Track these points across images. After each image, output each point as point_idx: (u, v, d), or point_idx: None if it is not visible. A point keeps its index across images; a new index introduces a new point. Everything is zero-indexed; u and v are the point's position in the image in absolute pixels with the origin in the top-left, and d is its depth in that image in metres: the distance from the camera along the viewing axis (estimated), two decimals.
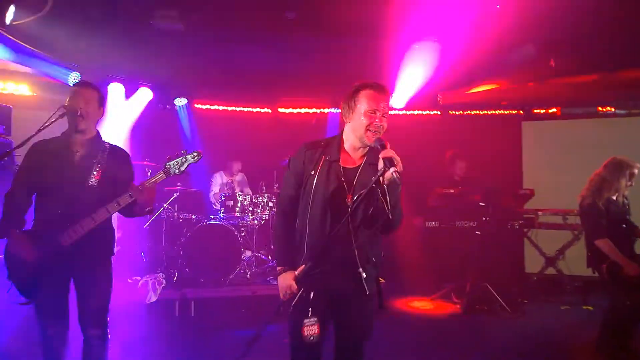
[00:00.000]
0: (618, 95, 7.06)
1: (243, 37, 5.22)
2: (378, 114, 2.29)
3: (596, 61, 5.93)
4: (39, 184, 2.72)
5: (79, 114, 2.72)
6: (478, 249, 5.94)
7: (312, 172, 2.34)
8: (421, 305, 5.91)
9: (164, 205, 6.03)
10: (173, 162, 2.76)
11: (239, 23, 4.97)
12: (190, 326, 5.00)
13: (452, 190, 6.07)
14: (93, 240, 2.71)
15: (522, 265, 7.08)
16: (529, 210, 6.50)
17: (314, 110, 7.56)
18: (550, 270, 6.50)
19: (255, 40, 4.99)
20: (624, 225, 4.12)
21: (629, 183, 4.12)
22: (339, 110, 7.50)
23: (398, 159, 2.15)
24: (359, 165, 2.36)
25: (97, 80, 5.66)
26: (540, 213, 6.49)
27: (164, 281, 5.44)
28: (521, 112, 7.51)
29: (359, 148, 2.38)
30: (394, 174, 2.10)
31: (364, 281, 2.27)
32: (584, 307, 5.73)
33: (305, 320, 2.26)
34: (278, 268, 2.45)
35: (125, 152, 2.99)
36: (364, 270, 2.27)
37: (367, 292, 2.28)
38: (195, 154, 2.80)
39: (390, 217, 2.17)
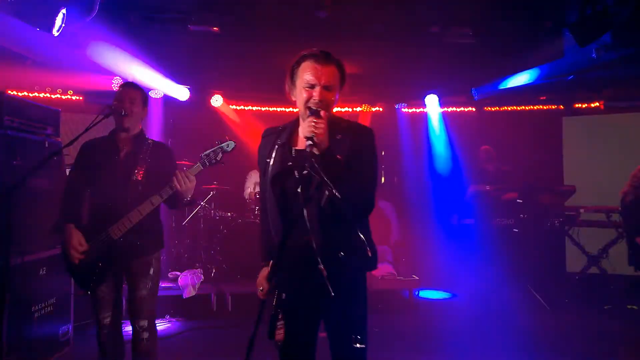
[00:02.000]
0: None
1: (274, 37, 5.39)
2: (317, 87, 2.02)
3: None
4: (89, 181, 2.94)
5: (124, 113, 2.93)
6: (516, 247, 5.90)
7: (267, 160, 2.15)
8: (457, 301, 5.92)
9: (202, 203, 6.28)
10: (209, 152, 2.87)
11: (271, 23, 5.13)
12: (226, 319, 5.21)
13: (487, 187, 6.05)
14: (143, 233, 2.90)
15: (564, 264, 6.96)
16: (570, 208, 6.39)
17: (346, 109, 7.67)
18: (594, 270, 6.36)
19: (287, 40, 5.12)
20: None
21: None
22: (373, 109, 7.60)
23: (317, 127, 1.89)
24: None
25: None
26: (582, 210, 6.37)
27: (202, 276, 5.67)
28: (562, 107, 7.37)
29: None
30: (308, 147, 1.86)
31: (326, 280, 1.85)
32: (629, 307, 5.59)
33: (278, 323, 2.02)
34: (262, 263, 2.30)
35: (168, 147, 3.19)
36: (327, 267, 1.86)
37: (332, 294, 1.84)
38: (228, 144, 2.89)
39: (337, 194, 1.81)
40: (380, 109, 7.71)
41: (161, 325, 4.96)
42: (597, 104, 7.20)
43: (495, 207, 6.11)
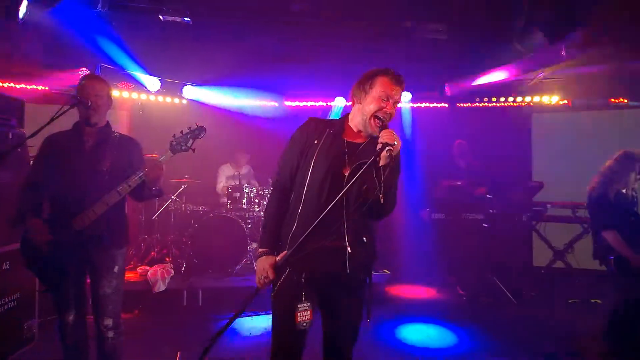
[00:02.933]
0: (631, 86, 7.07)
1: (250, 28, 5.37)
2: (390, 101, 2.34)
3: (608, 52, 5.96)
4: (53, 173, 2.89)
5: (89, 105, 2.89)
6: (485, 242, 6.06)
7: (315, 142, 2.37)
8: (426, 294, 6.05)
9: (172, 197, 6.23)
10: (179, 137, 2.87)
11: (244, 14, 5.11)
12: (197, 315, 5.21)
13: (458, 182, 6.18)
14: (108, 225, 2.87)
15: (531, 258, 7.18)
16: (537, 203, 6.58)
17: (320, 103, 7.69)
18: (559, 264, 6.58)
19: (260, 32, 5.13)
20: (632, 218, 4.21)
21: (639, 177, 4.20)
22: (348, 103, 7.64)
23: (397, 139, 2.18)
24: (362, 142, 2.39)
25: (108, 74, 5.89)
26: (549, 206, 6.56)
27: (172, 271, 5.64)
28: (532, 103, 7.56)
29: (360, 132, 2.41)
30: (387, 151, 2.11)
31: (347, 257, 2.23)
32: (592, 301, 5.82)
33: (300, 305, 2.22)
34: (259, 250, 2.38)
35: (135, 140, 3.15)
36: (351, 247, 2.23)
37: (348, 271, 2.22)
38: (199, 130, 2.89)
39: (382, 200, 2.11)
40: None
41: (130, 321, 4.93)
42: (565, 101, 7.42)
43: (466, 202, 6.25)
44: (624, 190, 4.16)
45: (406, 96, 7.34)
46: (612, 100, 7.33)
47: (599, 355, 4.19)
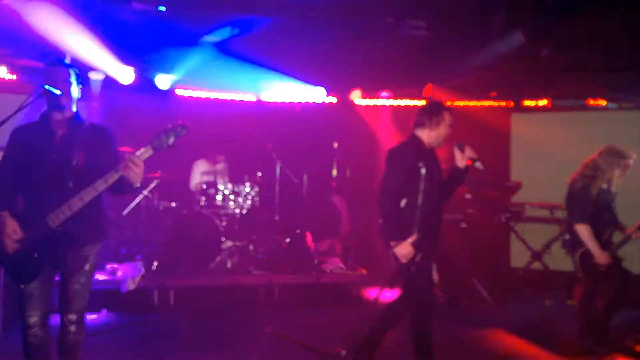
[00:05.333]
0: (609, 88, 7.25)
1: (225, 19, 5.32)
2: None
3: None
4: (23, 168, 2.81)
5: (58, 92, 2.81)
6: (463, 242, 6.13)
7: (420, 164, 3.33)
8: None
9: (144, 192, 6.13)
10: (161, 135, 2.80)
11: (221, 3, 5.06)
12: (169, 314, 5.15)
13: None
14: (84, 222, 2.80)
15: (508, 259, 7.29)
16: (516, 204, 6.68)
17: (298, 100, 7.66)
18: (537, 265, 6.69)
19: (237, 23, 5.09)
20: (607, 214, 4.32)
21: (621, 174, 4.30)
22: (330, 100, 7.63)
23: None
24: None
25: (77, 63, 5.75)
26: (527, 206, 6.67)
27: (142, 269, 5.55)
28: (511, 103, 7.68)
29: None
30: (478, 164, 3.56)
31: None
32: (569, 302, 5.95)
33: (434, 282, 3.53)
34: (392, 243, 3.28)
35: (107, 129, 3.06)
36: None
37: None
38: (182, 128, 2.83)
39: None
40: (335, 100, 7.76)
41: (97, 320, 4.84)
42: (544, 101, 7.57)
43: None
44: (605, 186, 4.26)
45: (385, 93, 7.40)
46: (591, 101, 7.52)
47: (574, 356, 4.29)
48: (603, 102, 7.51)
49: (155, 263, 5.72)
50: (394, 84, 7.37)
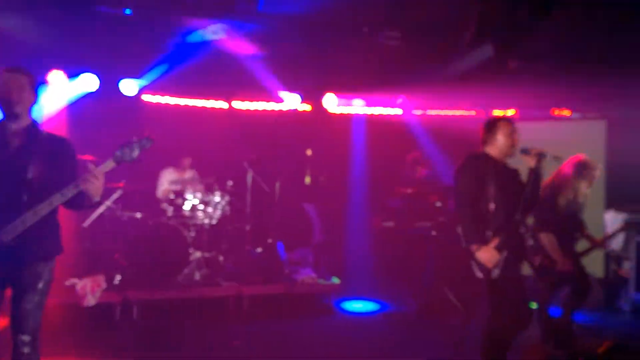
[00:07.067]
0: (574, 98, 7.44)
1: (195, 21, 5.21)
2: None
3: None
4: None
5: (13, 100, 2.65)
6: (435, 250, 6.14)
7: (487, 175, 3.47)
8: (373, 306, 6.05)
9: (107, 203, 5.88)
10: (125, 148, 2.70)
11: (186, 7, 4.96)
12: (132, 330, 4.97)
13: (409, 190, 6.25)
14: (38, 238, 2.66)
15: None
16: None
17: (272, 108, 7.58)
18: None
19: (203, 26, 5.00)
20: (573, 224, 4.41)
21: (588, 185, 4.38)
22: (304, 107, 7.56)
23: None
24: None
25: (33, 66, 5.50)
26: None
27: (104, 284, 5.33)
28: (481, 113, 7.80)
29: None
30: (549, 156, 3.64)
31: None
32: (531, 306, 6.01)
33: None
34: (474, 246, 3.36)
35: (65, 140, 2.90)
36: None
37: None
38: (146, 140, 2.74)
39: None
40: (309, 107, 7.70)
41: (53, 339, 4.60)
42: (512, 111, 7.71)
43: (416, 210, 6.32)
44: (572, 197, 4.33)
45: (359, 102, 7.40)
46: (556, 111, 7.71)
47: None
48: (567, 112, 7.71)
49: (118, 277, 5.50)
50: (368, 93, 7.38)
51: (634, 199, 6.27)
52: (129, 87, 6.76)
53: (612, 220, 6.18)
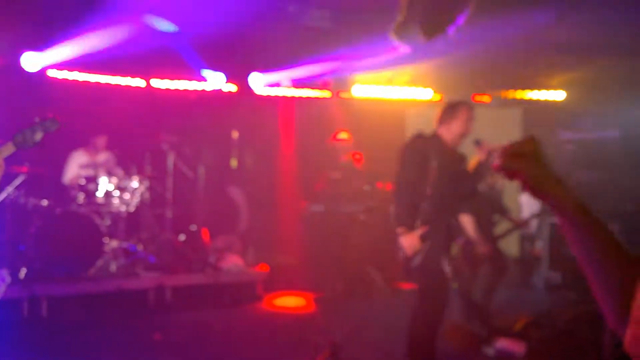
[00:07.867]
0: (492, 84, 7.76)
1: None
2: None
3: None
4: None
5: None
6: (361, 233, 6.20)
7: (432, 159, 3.39)
8: (297, 300, 5.98)
9: (8, 189, 5.32)
10: (25, 130, 2.53)
11: None
12: (41, 328, 4.64)
13: (338, 174, 6.23)
14: None
15: None
16: None
17: (194, 88, 7.19)
18: None
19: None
20: (493, 207, 4.62)
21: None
22: (230, 88, 7.25)
23: None
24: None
25: None
26: None
27: (8, 278, 4.84)
28: (406, 98, 7.91)
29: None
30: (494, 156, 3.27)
31: None
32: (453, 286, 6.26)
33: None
34: (400, 229, 3.29)
35: None
36: None
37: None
38: (52, 122, 2.60)
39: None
40: (234, 88, 7.40)
41: None
42: (438, 96, 7.90)
43: (344, 194, 6.32)
44: (491, 181, 4.54)
45: (287, 82, 7.21)
46: (476, 97, 7.99)
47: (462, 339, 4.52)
48: (487, 99, 8.02)
49: (24, 270, 5.02)
50: (296, 74, 7.21)
51: None
52: (31, 61, 6.10)
53: (528, 203, 6.55)
